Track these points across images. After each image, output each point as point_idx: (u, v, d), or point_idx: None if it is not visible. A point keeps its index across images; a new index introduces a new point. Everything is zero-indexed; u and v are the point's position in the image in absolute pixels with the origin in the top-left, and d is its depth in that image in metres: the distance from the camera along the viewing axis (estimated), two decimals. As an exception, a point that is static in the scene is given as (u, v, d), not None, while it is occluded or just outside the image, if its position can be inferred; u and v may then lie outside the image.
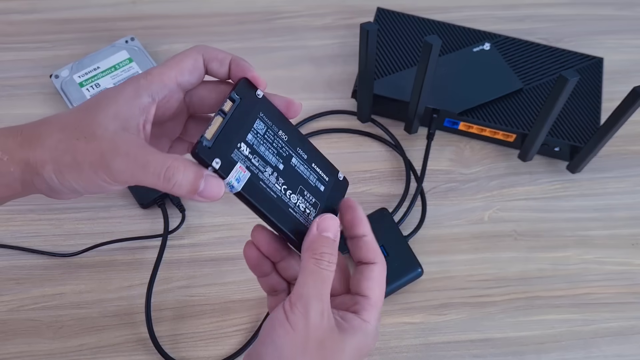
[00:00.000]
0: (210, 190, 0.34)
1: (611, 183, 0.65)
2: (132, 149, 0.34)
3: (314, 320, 0.35)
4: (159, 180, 0.33)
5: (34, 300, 0.56)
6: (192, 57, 0.37)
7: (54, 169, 0.34)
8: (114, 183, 0.34)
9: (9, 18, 0.73)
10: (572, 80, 0.52)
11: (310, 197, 0.39)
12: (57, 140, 0.35)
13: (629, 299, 0.58)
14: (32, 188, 0.36)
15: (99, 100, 0.36)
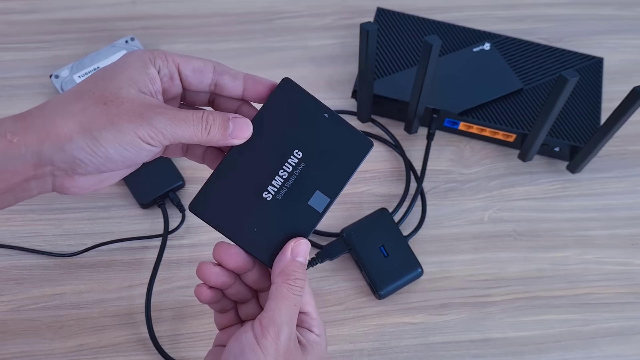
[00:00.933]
0: (239, 129, 0.37)
1: (611, 183, 0.65)
2: (165, 108, 0.35)
3: (284, 344, 0.35)
4: (199, 129, 0.35)
5: (34, 300, 0.56)
6: (202, 60, 0.38)
7: (86, 137, 0.33)
8: (155, 141, 0.34)
9: (9, 18, 0.73)
10: (572, 80, 0.52)
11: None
12: (81, 109, 0.34)
13: (629, 299, 0.58)
14: (47, 173, 0.34)
15: (106, 70, 0.36)
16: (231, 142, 0.37)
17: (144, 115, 0.34)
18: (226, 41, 0.73)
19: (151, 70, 0.36)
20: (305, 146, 0.38)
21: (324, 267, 0.59)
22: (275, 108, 0.38)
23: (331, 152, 0.38)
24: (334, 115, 0.38)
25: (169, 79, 0.37)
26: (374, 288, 0.56)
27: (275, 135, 0.38)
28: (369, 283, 0.57)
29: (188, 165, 0.63)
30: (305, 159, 0.38)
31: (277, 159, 0.38)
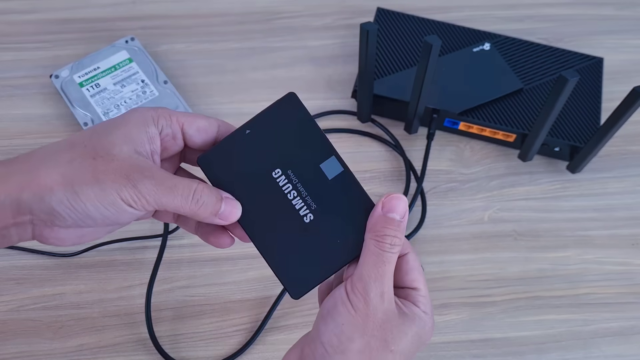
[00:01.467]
0: (229, 211, 0.36)
1: (611, 183, 0.65)
2: (155, 172, 0.34)
3: (374, 301, 0.34)
4: (187, 202, 0.34)
5: (34, 300, 0.56)
6: (207, 119, 0.37)
7: (66, 190, 0.32)
8: (137, 205, 0.33)
9: (9, 18, 0.73)
10: (572, 80, 0.52)
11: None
12: (68, 159, 0.33)
13: (629, 299, 0.58)
14: (26, 221, 0.33)
15: (104, 125, 0.35)
16: (216, 222, 0.36)
17: (130, 177, 0.33)
18: (226, 41, 0.73)
19: (151, 129, 0.35)
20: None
21: (324, 267, 0.59)
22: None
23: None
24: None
25: (171, 138, 0.37)
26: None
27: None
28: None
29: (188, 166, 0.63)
30: (289, 169, 0.37)
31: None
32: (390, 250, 0.35)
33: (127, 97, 0.64)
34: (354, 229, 0.37)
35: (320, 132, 0.38)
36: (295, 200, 0.37)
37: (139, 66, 0.67)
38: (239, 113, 0.67)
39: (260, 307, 0.56)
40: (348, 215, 0.37)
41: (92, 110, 0.63)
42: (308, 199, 0.37)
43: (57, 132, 0.65)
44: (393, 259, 0.35)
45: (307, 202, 0.37)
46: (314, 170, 0.37)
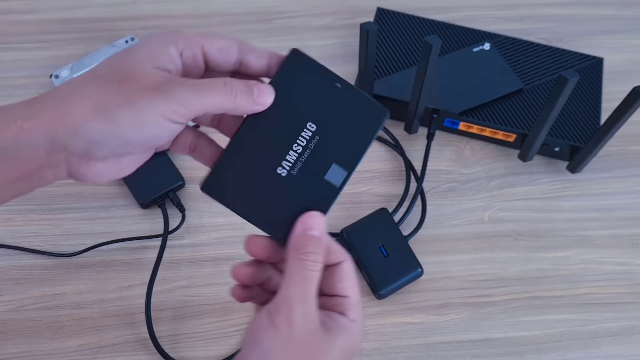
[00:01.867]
0: (263, 95, 0.35)
1: (611, 183, 0.65)
2: (184, 79, 0.33)
3: (298, 322, 0.34)
4: (225, 94, 0.33)
5: (34, 300, 0.56)
6: (226, 39, 0.36)
7: (101, 117, 0.31)
8: (177, 116, 0.32)
9: (9, 18, 0.73)
10: (572, 80, 0.52)
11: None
12: (95, 89, 0.31)
13: (629, 299, 0.58)
14: (61, 160, 0.32)
15: (123, 51, 0.34)
16: (256, 109, 0.35)
17: (162, 89, 0.31)
18: (226, 41, 0.73)
19: (171, 50, 0.34)
20: (319, 118, 0.36)
21: (324, 267, 0.59)
22: (285, 80, 0.36)
23: (346, 123, 0.36)
24: (346, 84, 0.36)
25: (192, 61, 0.35)
26: (373, 288, 0.56)
27: (287, 109, 0.36)
28: (369, 283, 0.57)
29: (188, 165, 0.63)
30: (319, 132, 0.36)
31: (290, 133, 0.36)
32: (313, 268, 0.35)
33: (127, 97, 0.64)
34: (294, 216, 0.36)
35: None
36: (291, 153, 0.36)
37: (139, 66, 0.67)
38: (239, 113, 0.67)
39: (260, 307, 0.56)
40: (303, 202, 0.36)
41: (92, 110, 0.63)
42: (300, 162, 0.36)
43: (57, 132, 0.65)
44: (316, 277, 0.35)
45: (297, 163, 0.36)
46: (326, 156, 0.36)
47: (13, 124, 0.31)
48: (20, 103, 0.32)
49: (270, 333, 0.33)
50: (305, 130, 0.36)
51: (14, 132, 0.31)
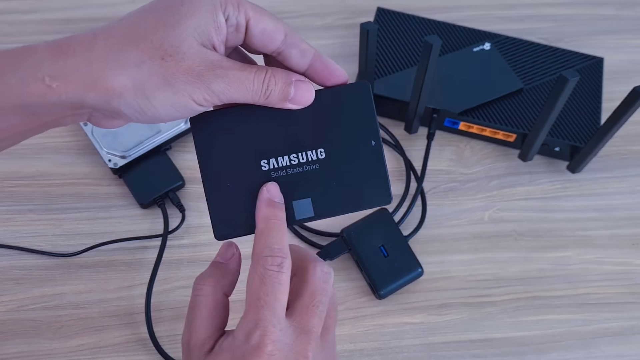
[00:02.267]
0: (301, 95, 0.33)
1: (611, 183, 0.65)
2: (227, 67, 0.32)
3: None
4: (258, 94, 0.32)
5: (34, 300, 0.56)
6: (276, 22, 0.34)
7: (138, 95, 0.30)
8: (208, 103, 0.32)
9: (9, 18, 0.73)
10: (573, 80, 0.52)
11: None
12: (135, 62, 0.30)
13: (629, 299, 0.58)
14: (85, 113, 0.32)
15: (173, 9, 0.31)
16: (288, 107, 0.33)
17: (202, 78, 0.31)
18: (226, 41, 0.73)
19: (219, 18, 0.32)
20: (333, 154, 0.34)
21: (324, 267, 0.59)
22: (336, 97, 0.34)
23: (349, 179, 0.35)
24: (379, 148, 0.35)
25: (234, 29, 0.33)
26: (374, 288, 0.56)
27: (316, 121, 0.34)
28: (369, 283, 0.57)
29: (188, 165, 0.63)
30: (323, 163, 0.34)
31: (300, 142, 0.34)
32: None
33: (127, 97, 0.64)
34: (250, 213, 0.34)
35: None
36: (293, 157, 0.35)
37: (139, 66, 0.67)
38: (239, 113, 0.67)
39: (260, 307, 0.56)
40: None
41: (92, 110, 0.63)
42: (285, 171, 0.35)
43: (56, 132, 0.65)
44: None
45: (282, 170, 0.35)
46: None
47: (40, 82, 0.30)
48: (47, 53, 0.30)
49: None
50: (312, 153, 0.34)
51: (41, 91, 0.30)
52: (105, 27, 0.31)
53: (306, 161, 0.34)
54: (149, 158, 0.61)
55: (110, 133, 0.61)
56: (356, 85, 0.35)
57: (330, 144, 0.34)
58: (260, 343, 0.31)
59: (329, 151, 0.34)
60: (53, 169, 0.63)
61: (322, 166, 0.35)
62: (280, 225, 0.34)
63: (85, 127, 0.62)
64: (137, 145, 0.61)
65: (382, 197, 0.35)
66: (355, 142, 0.35)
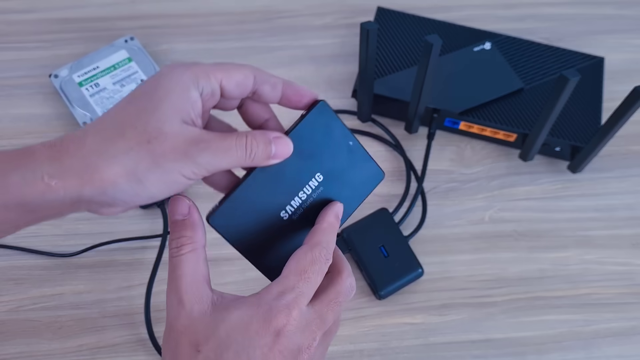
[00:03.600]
0: (281, 150, 0.36)
1: (612, 183, 0.65)
2: (208, 140, 0.34)
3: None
4: (243, 157, 0.34)
5: (33, 300, 0.56)
6: (243, 72, 0.36)
7: (131, 180, 0.32)
8: (197, 176, 0.34)
9: (8, 18, 0.73)
10: (573, 80, 0.52)
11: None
12: (124, 150, 0.32)
13: (630, 299, 0.58)
14: (82, 207, 0.34)
15: (149, 96, 0.34)
16: (272, 163, 0.36)
17: (188, 154, 0.33)
18: (226, 40, 0.73)
19: (193, 94, 0.34)
20: (327, 171, 0.38)
21: (324, 268, 0.59)
22: (305, 130, 0.37)
23: (348, 180, 0.39)
24: (357, 144, 0.39)
25: (210, 96, 0.36)
26: (374, 288, 0.56)
27: (302, 158, 0.38)
28: (369, 283, 0.57)
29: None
30: (324, 184, 0.38)
31: (299, 180, 0.38)
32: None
33: (126, 97, 0.64)
34: (287, 256, 0.37)
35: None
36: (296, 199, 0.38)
37: (138, 66, 0.66)
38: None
39: (260, 307, 0.56)
40: (297, 244, 0.38)
41: (92, 110, 0.63)
42: (302, 208, 0.38)
43: (56, 132, 0.65)
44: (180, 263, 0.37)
45: (299, 209, 0.38)
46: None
47: (40, 181, 0.31)
48: (45, 153, 0.32)
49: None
50: (313, 180, 0.38)
51: (41, 190, 0.32)
52: (93, 123, 0.34)
53: (312, 191, 0.38)
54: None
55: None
56: (315, 109, 0.37)
57: (322, 165, 0.38)
58: (290, 305, 0.34)
59: (324, 171, 0.38)
60: (52, 168, 0.63)
61: (325, 186, 0.39)
62: (336, 233, 0.38)
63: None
64: (137, 145, 0.61)
65: (376, 175, 0.41)
66: (338, 152, 0.39)
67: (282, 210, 0.38)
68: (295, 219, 0.38)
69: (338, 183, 0.39)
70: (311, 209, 0.38)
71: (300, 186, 0.38)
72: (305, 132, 0.37)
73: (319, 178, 0.38)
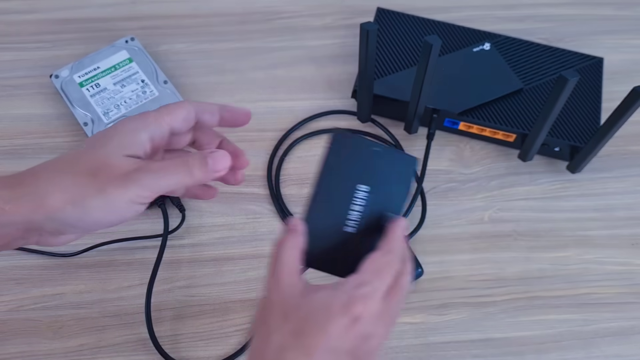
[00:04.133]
0: (218, 163, 0.39)
1: (611, 183, 0.65)
2: (151, 165, 0.37)
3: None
4: (182, 175, 0.38)
5: (34, 300, 0.56)
6: (185, 108, 0.41)
7: (76, 206, 0.36)
8: (142, 199, 0.37)
9: (9, 18, 0.73)
10: (572, 80, 0.52)
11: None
12: (72, 182, 0.36)
13: (629, 299, 0.58)
14: (34, 234, 0.37)
15: (99, 139, 0.38)
16: (214, 176, 0.39)
17: (131, 177, 0.36)
18: (226, 41, 0.73)
19: (142, 136, 0.39)
20: (368, 180, 0.43)
21: (324, 267, 0.59)
22: (335, 157, 0.42)
23: (388, 178, 0.43)
24: (382, 146, 0.43)
25: (161, 138, 0.40)
26: (374, 288, 0.56)
27: (342, 179, 0.42)
28: (369, 283, 0.57)
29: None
30: (371, 190, 0.43)
31: (349, 197, 0.42)
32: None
33: (127, 97, 0.64)
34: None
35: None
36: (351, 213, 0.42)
37: (138, 66, 0.67)
38: (239, 113, 0.67)
39: (260, 307, 0.56)
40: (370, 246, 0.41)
41: (92, 110, 0.63)
42: (362, 217, 0.42)
43: (57, 132, 0.65)
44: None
45: (360, 219, 0.42)
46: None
47: None
48: (2, 182, 0.36)
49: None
50: (360, 192, 0.43)
51: None
52: (49, 161, 0.38)
53: (364, 200, 0.43)
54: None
55: (110, 133, 0.61)
56: (332, 141, 0.42)
57: (361, 178, 0.43)
58: (367, 296, 0.37)
59: (366, 182, 0.43)
60: (53, 169, 0.63)
61: (372, 192, 0.43)
62: (405, 242, 0.42)
63: (86, 127, 0.62)
64: (137, 145, 0.61)
65: (411, 162, 0.44)
66: (370, 161, 0.43)
67: (344, 227, 0.42)
68: (361, 227, 0.42)
69: (381, 185, 0.43)
70: (369, 214, 0.42)
71: (352, 201, 0.42)
72: (334, 160, 0.42)
73: (364, 189, 0.42)
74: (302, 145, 0.66)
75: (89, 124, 0.62)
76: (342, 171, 0.42)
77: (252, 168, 0.63)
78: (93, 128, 0.62)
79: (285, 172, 0.64)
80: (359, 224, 0.43)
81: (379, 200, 0.43)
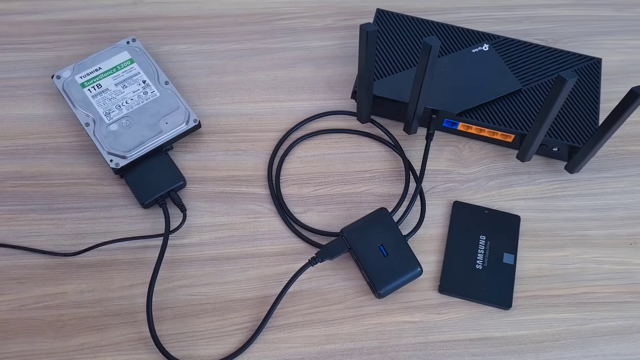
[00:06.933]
0: None
1: (609, 183, 0.65)
2: None
3: None
4: None
5: (36, 299, 0.56)
6: None
7: None
8: None
9: (11, 19, 0.74)
10: (571, 81, 0.52)
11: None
12: None
13: (627, 298, 0.59)
14: None
15: None
16: None
17: None
18: (227, 42, 0.73)
19: None
20: (485, 232, 0.60)
21: (323, 266, 0.59)
22: (461, 221, 0.61)
23: (500, 230, 0.60)
24: (490, 210, 0.60)
25: None
26: (373, 287, 0.57)
27: (469, 234, 0.59)
28: (369, 282, 0.57)
29: (189, 165, 0.63)
30: (488, 239, 0.59)
31: (475, 245, 0.59)
32: None
33: (128, 98, 0.65)
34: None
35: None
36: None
37: (140, 67, 0.67)
38: (239, 114, 0.67)
39: (261, 306, 0.57)
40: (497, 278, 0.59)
41: (94, 111, 0.64)
42: (486, 257, 0.60)
43: (58, 133, 0.65)
44: None
45: (485, 259, 0.60)
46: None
47: None
48: None
49: None
50: (481, 241, 0.59)
51: None
52: None
53: (484, 246, 0.60)
54: (151, 158, 0.62)
55: (111, 133, 0.62)
56: (454, 209, 0.62)
57: (480, 231, 0.60)
58: None
59: (484, 234, 0.60)
60: (55, 169, 0.63)
61: (489, 240, 0.60)
62: None
63: (87, 128, 0.63)
64: (139, 145, 0.61)
65: (515, 222, 0.62)
66: (482, 218, 0.61)
67: (475, 264, 0.58)
68: (486, 265, 0.58)
69: (496, 233, 0.60)
70: (491, 255, 0.59)
71: (477, 247, 0.59)
72: (460, 222, 0.61)
73: (483, 238, 0.60)
74: (303, 145, 0.66)
75: (90, 124, 0.63)
76: (467, 229, 0.60)
77: (252, 168, 0.64)
78: (94, 128, 0.62)
79: (286, 172, 0.65)
80: (485, 261, 0.58)
81: (498, 244, 0.59)
